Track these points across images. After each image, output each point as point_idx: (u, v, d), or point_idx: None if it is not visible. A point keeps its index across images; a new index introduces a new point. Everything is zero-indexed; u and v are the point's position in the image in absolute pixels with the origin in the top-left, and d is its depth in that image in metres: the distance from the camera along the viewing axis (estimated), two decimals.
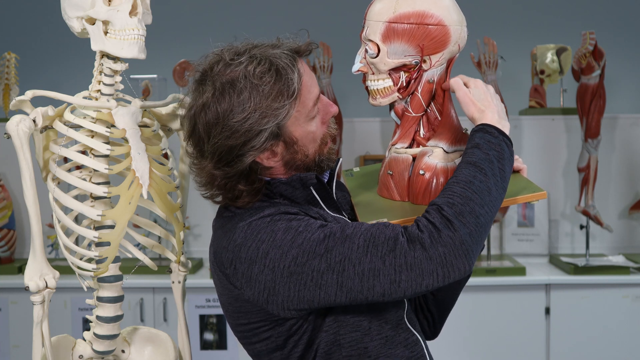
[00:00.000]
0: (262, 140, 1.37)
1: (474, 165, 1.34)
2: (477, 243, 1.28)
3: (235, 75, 1.37)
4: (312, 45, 1.47)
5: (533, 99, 3.80)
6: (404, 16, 1.44)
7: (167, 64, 3.80)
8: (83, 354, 1.71)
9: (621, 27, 4.10)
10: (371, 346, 1.43)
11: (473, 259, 1.28)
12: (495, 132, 1.38)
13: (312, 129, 1.44)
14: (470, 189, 1.30)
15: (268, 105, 1.36)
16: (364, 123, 3.87)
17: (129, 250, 1.75)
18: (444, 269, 1.26)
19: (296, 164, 1.45)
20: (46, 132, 1.61)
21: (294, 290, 1.33)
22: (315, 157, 1.46)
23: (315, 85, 1.45)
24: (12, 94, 3.77)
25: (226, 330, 3.40)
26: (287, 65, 1.38)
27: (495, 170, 1.34)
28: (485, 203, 1.30)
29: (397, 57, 1.46)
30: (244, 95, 1.36)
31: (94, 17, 1.56)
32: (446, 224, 1.27)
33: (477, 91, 1.44)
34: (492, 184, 1.32)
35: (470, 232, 1.27)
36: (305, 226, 1.33)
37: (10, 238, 3.67)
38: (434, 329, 1.68)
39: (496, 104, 1.44)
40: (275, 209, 1.39)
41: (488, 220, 1.30)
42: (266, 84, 1.36)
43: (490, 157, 1.35)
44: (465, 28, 1.48)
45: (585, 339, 3.32)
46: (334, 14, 4.16)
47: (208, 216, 3.84)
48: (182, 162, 1.79)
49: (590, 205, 3.52)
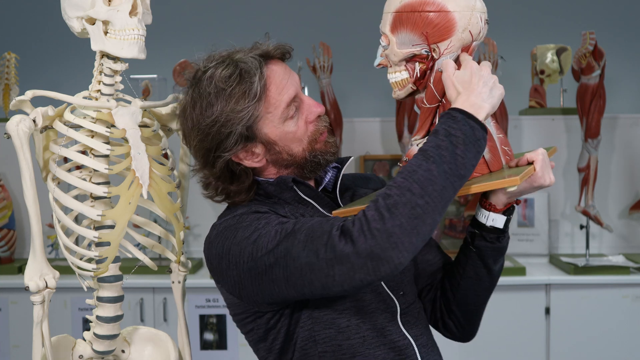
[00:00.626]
0: (232, 142, 1.43)
1: (423, 153, 1.29)
2: (411, 235, 1.23)
3: (205, 81, 1.45)
4: (285, 48, 1.50)
5: (533, 99, 3.80)
6: (407, 5, 1.43)
7: (167, 64, 3.80)
8: (83, 354, 1.71)
9: (621, 27, 4.10)
10: (346, 344, 1.45)
11: (405, 252, 1.24)
12: (459, 116, 1.32)
13: (289, 129, 1.47)
14: (411, 178, 1.26)
15: (232, 108, 1.42)
16: (364, 123, 3.87)
17: (129, 250, 1.75)
18: (373, 262, 1.24)
19: (284, 163, 1.49)
20: (46, 132, 1.61)
21: (256, 285, 1.37)
22: (306, 154, 1.49)
23: (291, 86, 1.47)
24: (12, 94, 3.77)
25: (226, 330, 3.40)
26: (250, 68, 1.43)
27: (447, 157, 1.28)
28: (427, 193, 1.25)
29: (405, 47, 1.45)
30: (210, 99, 1.43)
31: (94, 17, 1.56)
32: (376, 216, 1.24)
33: (463, 73, 1.39)
34: (438, 173, 1.26)
35: (400, 224, 1.23)
36: (265, 223, 1.37)
37: (10, 238, 3.68)
38: (462, 331, 1.64)
39: (481, 87, 1.37)
40: (247, 209, 1.45)
41: (428, 211, 1.25)
42: (230, 87, 1.42)
43: (444, 143, 1.29)
44: (477, 14, 1.43)
45: (585, 339, 3.32)
46: (334, 14, 4.16)
47: (208, 216, 3.84)
48: (182, 162, 1.79)
49: (590, 205, 3.52)
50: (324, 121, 1.52)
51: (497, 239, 1.52)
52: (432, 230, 1.27)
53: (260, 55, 1.46)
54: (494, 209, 1.50)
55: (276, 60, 1.49)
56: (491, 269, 1.55)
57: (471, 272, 1.55)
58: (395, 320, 1.49)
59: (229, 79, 1.42)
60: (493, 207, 1.50)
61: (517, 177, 1.35)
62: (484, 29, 1.47)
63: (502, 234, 1.52)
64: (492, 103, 1.37)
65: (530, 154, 1.46)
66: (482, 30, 1.46)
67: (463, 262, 1.56)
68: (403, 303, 1.52)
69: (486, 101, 1.36)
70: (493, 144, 1.49)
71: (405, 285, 1.55)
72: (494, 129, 1.53)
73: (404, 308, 1.52)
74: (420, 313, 1.58)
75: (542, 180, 1.45)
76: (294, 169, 1.51)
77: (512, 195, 1.48)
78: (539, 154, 1.45)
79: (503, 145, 1.53)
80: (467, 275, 1.56)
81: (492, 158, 1.48)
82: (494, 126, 1.53)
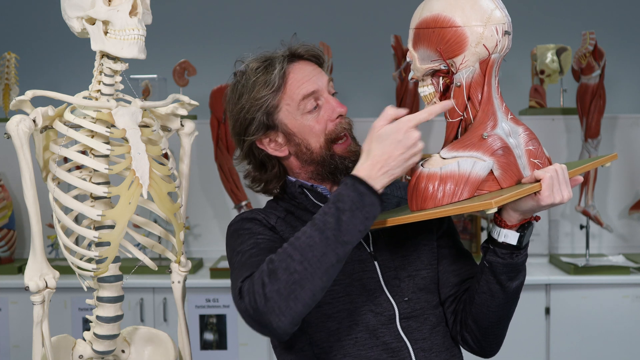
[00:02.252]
0: (254, 128, 1.56)
1: (312, 220, 1.33)
2: (288, 299, 1.29)
3: (241, 73, 1.59)
4: (314, 51, 1.61)
5: (533, 99, 3.80)
6: (423, 21, 1.44)
7: (167, 64, 3.80)
8: (83, 354, 1.71)
9: (621, 27, 4.10)
10: (337, 346, 1.50)
11: (282, 316, 1.30)
12: (349, 182, 1.33)
13: (308, 122, 1.55)
14: (293, 245, 1.32)
15: (254, 96, 1.55)
16: (364, 123, 3.84)
17: (129, 250, 1.75)
18: (256, 322, 1.33)
19: (304, 157, 1.57)
20: (46, 132, 1.61)
21: None
22: (323, 152, 1.56)
23: (312, 83, 1.56)
24: (12, 94, 3.77)
25: (226, 330, 3.40)
26: (276, 62, 1.56)
27: (332, 224, 1.30)
28: (307, 259, 1.29)
29: (425, 63, 1.46)
30: (241, 88, 1.58)
31: (94, 17, 1.56)
32: (259, 281, 1.32)
33: (387, 129, 1.35)
34: (320, 239, 1.30)
35: (278, 289, 1.29)
36: (241, 241, 1.51)
37: (10, 238, 3.68)
38: (479, 346, 1.60)
39: (395, 156, 1.34)
40: (250, 213, 1.58)
41: (306, 276, 1.29)
42: (255, 77, 1.56)
43: (331, 210, 1.31)
44: (492, 27, 1.40)
45: (585, 339, 3.32)
46: (334, 14, 4.16)
47: (208, 216, 3.85)
48: (182, 162, 1.79)
49: (590, 205, 3.52)
50: (347, 124, 1.59)
51: (509, 255, 1.46)
52: (314, 295, 1.31)
53: (289, 54, 1.58)
54: (505, 224, 1.46)
55: (306, 61, 1.60)
56: (504, 285, 1.49)
57: (485, 287, 1.51)
58: (392, 323, 1.52)
59: (256, 71, 1.56)
60: (504, 222, 1.46)
61: (491, 201, 1.32)
62: (503, 40, 1.42)
63: (517, 251, 1.46)
64: (401, 172, 1.36)
65: (539, 172, 1.40)
66: (500, 42, 1.42)
67: (478, 276, 1.53)
68: (405, 308, 1.53)
69: (393, 170, 1.34)
70: (508, 159, 1.45)
71: (412, 292, 1.56)
72: (524, 140, 1.48)
73: (407, 313, 1.53)
74: (431, 320, 1.57)
75: (550, 200, 1.37)
76: (315, 167, 1.57)
77: (525, 212, 1.43)
78: (547, 172, 1.38)
79: (532, 157, 1.48)
80: (481, 290, 1.52)
81: (503, 174, 1.44)
82: (525, 137, 1.49)
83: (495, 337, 1.59)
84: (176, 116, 1.76)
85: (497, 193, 1.41)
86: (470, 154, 1.44)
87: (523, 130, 1.50)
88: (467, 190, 1.42)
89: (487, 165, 1.43)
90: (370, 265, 1.56)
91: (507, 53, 1.46)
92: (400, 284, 1.56)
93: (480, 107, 1.45)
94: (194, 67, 3.72)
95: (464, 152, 1.44)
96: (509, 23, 1.44)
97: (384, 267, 1.56)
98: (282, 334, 1.33)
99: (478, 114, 1.45)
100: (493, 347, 1.61)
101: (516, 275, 1.49)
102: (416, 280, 1.58)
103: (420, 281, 1.58)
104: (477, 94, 1.45)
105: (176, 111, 1.75)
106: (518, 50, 3.96)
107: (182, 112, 1.75)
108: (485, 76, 1.44)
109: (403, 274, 1.57)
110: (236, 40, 4.08)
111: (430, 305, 1.58)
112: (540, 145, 1.51)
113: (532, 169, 1.46)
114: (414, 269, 1.59)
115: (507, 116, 1.49)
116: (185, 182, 1.79)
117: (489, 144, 1.44)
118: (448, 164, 1.43)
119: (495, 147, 1.44)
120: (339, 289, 1.52)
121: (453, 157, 1.44)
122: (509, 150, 1.46)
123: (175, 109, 1.75)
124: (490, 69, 1.44)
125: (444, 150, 1.47)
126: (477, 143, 1.44)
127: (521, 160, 1.47)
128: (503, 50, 1.44)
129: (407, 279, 1.57)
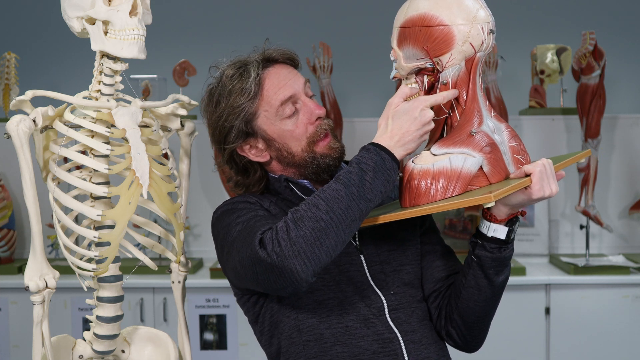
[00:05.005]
0: (234, 136, 1.58)
1: (335, 178, 1.39)
2: (313, 245, 1.33)
3: (216, 80, 1.61)
4: (288, 54, 1.61)
5: (533, 99, 3.80)
6: (409, 20, 1.45)
7: (167, 64, 3.80)
8: (83, 354, 1.71)
9: (621, 27, 4.10)
10: (327, 333, 1.52)
11: (307, 260, 1.33)
12: (372, 148, 1.40)
13: (287, 127, 1.57)
14: (319, 196, 1.37)
15: (231, 104, 1.56)
16: (364, 123, 3.87)
17: (129, 250, 1.75)
18: (277, 267, 1.34)
19: (286, 161, 1.59)
20: (46, 132, 1.61)
21: (224, 268, 1.57)
22: (304, 155, 1.58)
23: (289, 87, 1.57)
24: (12, 94, 3.77)
25: (226, 330, 3.41)
26: (251, 68, 1.56)
27: (356, 181, 1.37)
28: (332, 209, 1.35)
29: (410, 61, 1.47)
30: (217, 96, 1.59)
31: (94, 17, 1.56)
32: (284, 228, 1.35)
33: (405, 106, 1.43)
34: (345, 193, 1.36)
35: (304, 234, 1.33)
36: (238, 215, 1.51)
37: (10, 238, 3.68)
38: (464, 341, 1.64)
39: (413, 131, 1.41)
40: (241, 197, 1.59)
41: (332, 225, 1.34)
42: (231, 85, 1.56)
43: (354, 170, 1.38)
44: (478, 25, 1.43)
45: (585, 339, 3.32)
46: (334, 14, 4.16)
47: (208, 216, 3.83)
48: (182, 162, 1.79)
49: (590, 205, 3.52)
50: (326, 125, 1.59)
51: (498, 250, 1.50)
52: (336, 246, 1.35)
53: (263, 59, 1.58)
54: (494, 219, 1.49)
55: (281, 64, 1.60)
56: (492, 279, 1.53)
57: (472, 281, 1.54)
58: (382, 315, 1.54)
59: (231, 78, 1.56)
60: (494, 217, 1.49)
61: (490, 195, 1.35)
62: (488, 39, 1.45)
63: (505, 245, 1.50)
64: (414, 147, 1.43)
65: (528, 167, 1.45)
66: (486, 41, 1.45)
67: (465, 271, 1.56)
68: (392, 301, 1.56)
69: (408, 145, 1.42)
70: (496, 155, 1.48)
71: (397, 287, 1.58)
72: (507, 137, 1.51)
73: (395, 305, 1.56)
74: (418, 314, 1.59)
75: (541, 193, 1.44)
76: (297, 169, 1.60)
77: (514, 207, 1.47)
78: (537, 166, 1.44)
79: (516, 154, 1.51)
80: (468, 284, 1.55)
81: (492, 170, 1.47)
82: (508, 134, 1.52)
83: (479, 332, 1.63)
84: (176, 116, 1.76)
85: (487, 189, 1.44)
86: (461, 150, 1.46)
87: (505, 127, 1.53)
88: (459, 186, 1.45)
89: (477, 161, 1.46)
90: (356, 259, 1.58)
91: (489, 52, 1.49)
92: (385, 278, 1.58)
93: (466, 105, 1.47)
94: (194, 67, 3.72)
95: (454, 148, 1.46)
96: (492, 22, 1.46)
97: (370, 261, 1.59)
98: (302, 280, 1.35)
99: (464, 111, 1.47)
100: (477, 342, 1.66)
101: (503, 269, 1.53)
102: (401, 274, 1.60)
103: (405, 276, 1.61)
104: (463, 92, 1.47)
105: (176, 111, 1.75)
106: (518, 50, 3.98)
107: (182, 112, 1.75)
108: (470, 74, 1.46)
109: (388, 268, 1.60)
110: (236, 40, 4.08)
111: (415, 299, 1.60)
112: (522, 142, 1.55)
113: (516, 165, 1.50)
114: (399, 263, 1.61)
115: (490, 114, 1.51)
116: (185, 182, 1.79)
117: (477, 140, 1.47)
118: (440, 160, 1.46)
119: (483, 143, 1.47)
120: (329, 278, 1.54)
121: (444, 153, 1.47)
122: (496, 146, 1.48)
123: (175, 109, 1.75)
124: (475, 67, 1.46)
125: (434, 146, 1.48)
126: (466, 140, 1.47)
127: (506, 157, 1.50)
128: (487, 48, 1.47)
129: (392, 274, 1.59)
